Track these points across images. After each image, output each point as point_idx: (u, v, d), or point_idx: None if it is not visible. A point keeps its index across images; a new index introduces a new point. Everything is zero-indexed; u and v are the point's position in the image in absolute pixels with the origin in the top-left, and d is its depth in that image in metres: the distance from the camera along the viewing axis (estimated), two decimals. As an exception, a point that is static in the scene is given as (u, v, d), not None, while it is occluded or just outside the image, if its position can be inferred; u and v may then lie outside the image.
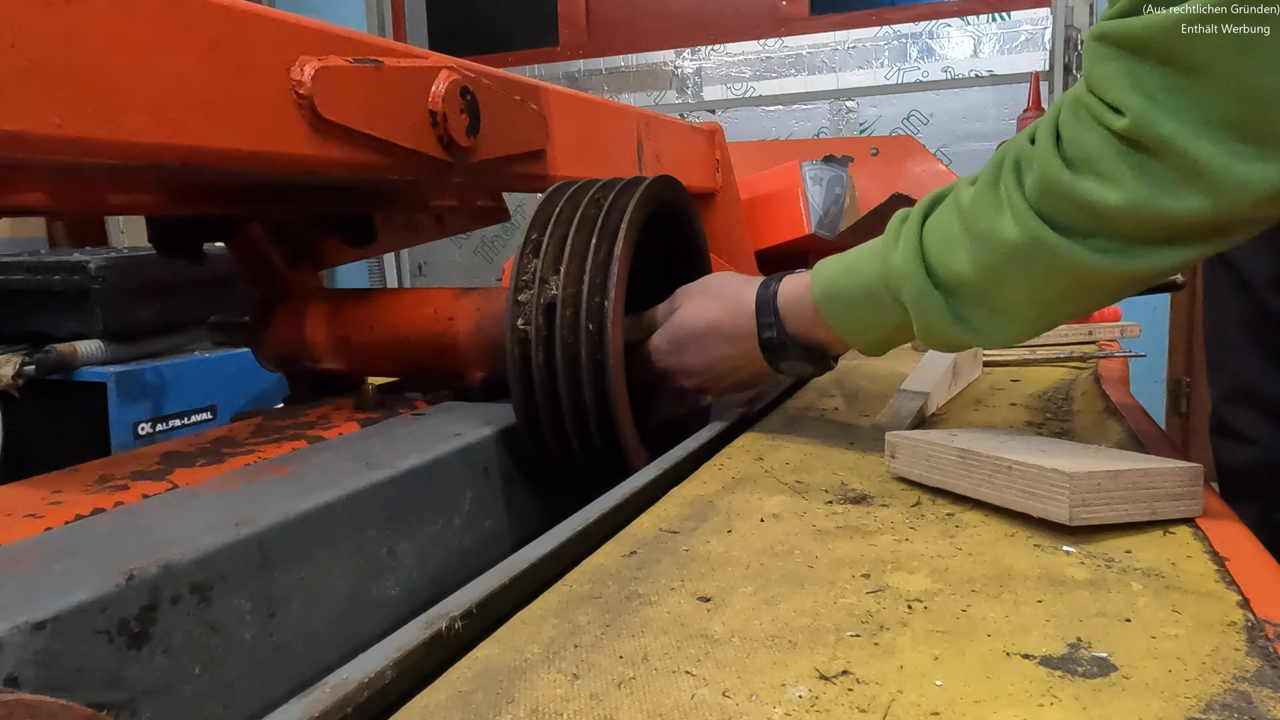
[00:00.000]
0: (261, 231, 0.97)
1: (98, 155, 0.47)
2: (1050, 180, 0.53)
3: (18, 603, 0.37)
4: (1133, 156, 0.50)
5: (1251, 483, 1.06)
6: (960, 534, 0.51)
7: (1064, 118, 0.53)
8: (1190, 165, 0.48)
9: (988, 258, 0.56)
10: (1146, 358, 1.35)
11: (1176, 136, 0.47)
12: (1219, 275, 1.08)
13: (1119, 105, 0.49)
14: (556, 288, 0.68)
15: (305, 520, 0.51)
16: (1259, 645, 0.37)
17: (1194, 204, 0.49)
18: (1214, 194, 0.48)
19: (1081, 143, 0.51)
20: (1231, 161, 0.47)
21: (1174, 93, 0.47)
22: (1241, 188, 0.47)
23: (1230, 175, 0.47)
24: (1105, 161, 0.50)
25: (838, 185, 1.50)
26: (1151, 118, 0.48)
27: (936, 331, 0.61)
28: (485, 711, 0.34)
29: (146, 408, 1.46)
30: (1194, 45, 0.46)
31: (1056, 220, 0.53)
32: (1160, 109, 0.48)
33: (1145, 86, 0.48)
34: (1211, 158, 0.47)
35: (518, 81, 0.81)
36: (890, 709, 0.33)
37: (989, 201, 0.56)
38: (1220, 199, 0.48)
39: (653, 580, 0.46)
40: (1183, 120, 0.47)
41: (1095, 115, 0.51)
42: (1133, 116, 0.48)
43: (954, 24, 2.55)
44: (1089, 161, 0.51)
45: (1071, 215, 0.53)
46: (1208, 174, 0.48)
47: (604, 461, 0.70)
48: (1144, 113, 0.48)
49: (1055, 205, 0.53)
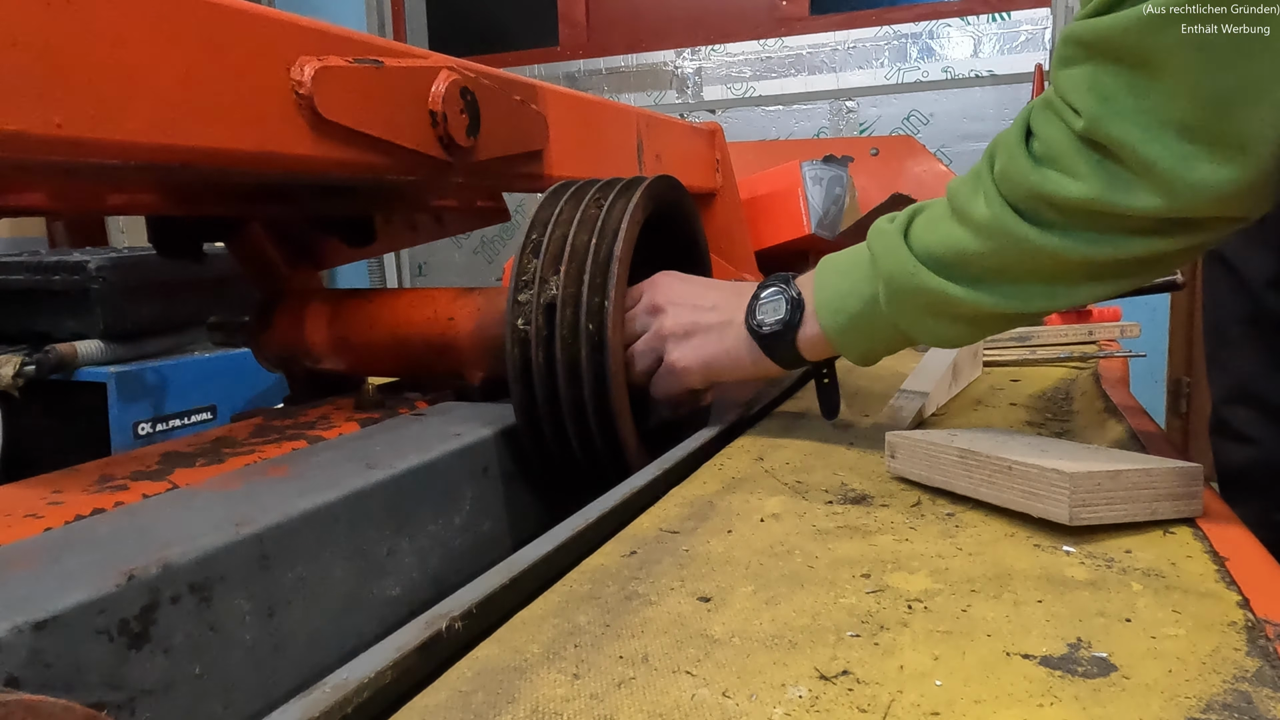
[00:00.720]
0: (261, 231, 0.97)
1: (98, 155, 0.47)
2: (1011, 168, 0.55)
3: (18, 603, 0.37)
4: (1091, 154, 0.52)
5: (1251, 483, 1.06)
6: (960, 534, 0.51)
7: (1035, 115, 0.55)
8: (1142, 166, 0.49)
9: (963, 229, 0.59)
10: (1146, 358, 1.35)
11: (1127, 138, 0.49)
12: (1218, 275, 1.08)
13: (1076, 106, 0.51)
14: (556, 288, 0.68)
15: (305, 520, 0.51)
16: (1259, 645, 0.37)
17: (1149, 202, 0.50)
18: (1167, 194, 0.49)
19: (1046, 138, 0.54)
20: (1182, 164, 0.48)
21: (1131, 93, 0.49)
22: (1193, 189, 0.48)
23: (1181, 177, 0.48)
24: (1066, 157, 0.52)
25: (838, 185, 1.50)
26: (1105, 121, 0.50)
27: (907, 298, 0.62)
28: (485, 711, 0.34)
29: (146, 408, 1.46)
30: (1153, 44, 0.47)
31: (1020, 207, 0.55)
32: (1114, 111, 0.49)
33: (1103, 88, 0.50)
34: (1161, 159, 0.48)
35: (518, 81, 0.81)
36: (890, 709, 0.33)
37: (969, 184, 0.59)
38: (1174, 199, 0.49)
39: (653, 580, 0.46)
40: (1135, 122, 0.49)
41: (1058, 113, 0.53)
42: (1087, 119, 0.50)
43: (954, 24, 2.55)
44: (1052, 156, 0.53)
45: (1034, 204, 0.55)
46: (1160, 175, 0.49)
47: (604, 461, 0.70)
48: (1098, 115, 0.50)
49: (1016, 193, 0.55)
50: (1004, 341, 1.12)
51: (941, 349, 0.94)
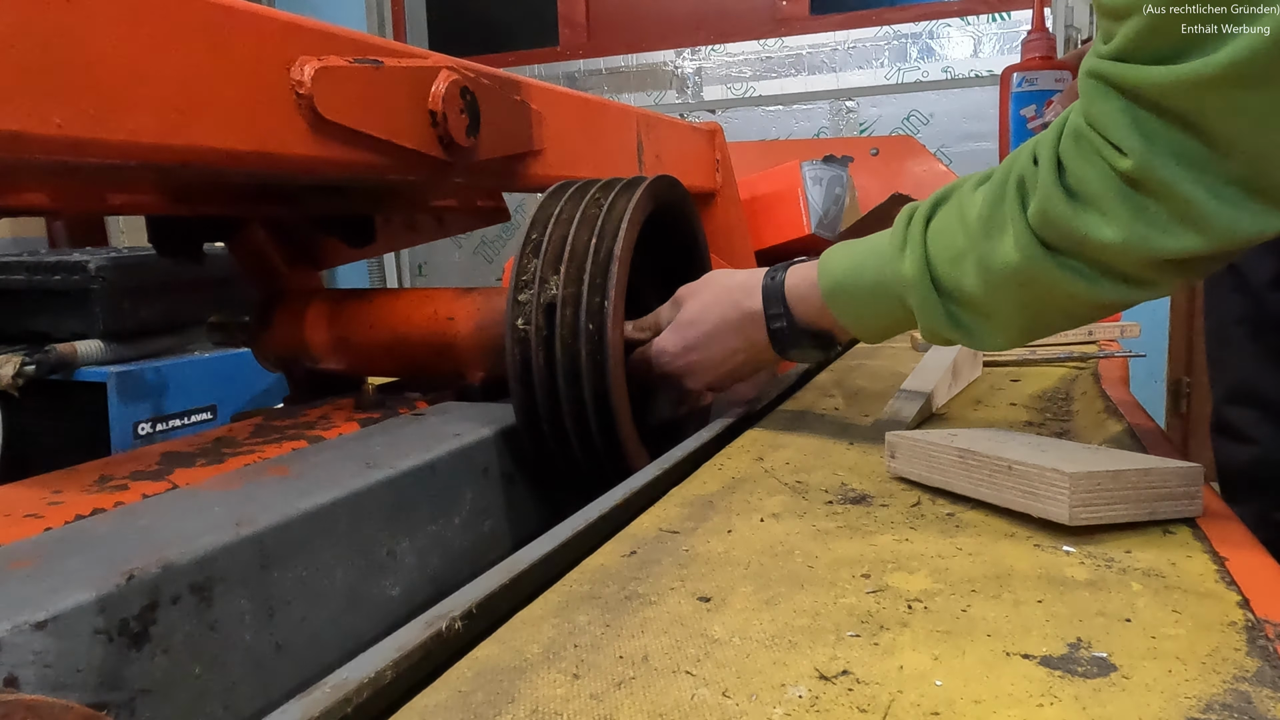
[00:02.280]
0: (261, 231, 0.97)
1: (98, 155, 0.47)
2: (1052, 212, 0.53)
3: (18, 603, 0.37)
4: (1133, 197, 0.50)
5: (1251, 482, 1.06)
6: (960, 534, 0.51)
7: (1065, 147, 0.53)
8: (1187, 208, 0.48)
9: (990, 276, 0.58)
10: (1146, 358, 1.35)
11: (1178, 182, 0.48)
12: (1220, 275, 1.08)
13: (1120, 145, 0.49)
14: (556, 288, 0.68)
15: (305, 520, 0.51)
16: (1259, 645, 0.37)
17: (1188, 243, 0.49)
18: (1208, 235, 0.49)
19: (1083, 176, 0.52)
20: (1228, 209, 0.48)
21: (1175, 139, 0.48)
22: (1233, 231, 0.48)
23: (1225, 220, 0.48)
24: (1106, 198, 0.51)
25: (838, 185, 1.50)
26: (1154, 161, 0.48)
27: (935, 329, 0.64)
28: (485, 711, 0.34)
29: (146, 408, 1.45)
30: (1194, 108, 0.46)
31: (1056, 246, 0.55)
32: (1161, 153, 0.48)
33: (1146, 128, 0.48)
34: (1208, 203, 0.48)
35: (517, 81, 0.81)
36: (890, 709, 0.33)
37: (993, 220, 0.58)
38: (1213, 239, 0.49)
39: (653, 580, 0.46)
40: (1183, 164, 0.48)
41: (1097, 150, 0.51)
42: (1135, 158, 0.49)
43: (954, 24, 2.55)
44: (1090, 196, 0.52)
45: (1070, 245, 0.54)
46: (1204, 218, 0.48)
47: (604, 461, 0.70)
48: (1146, 154, 0.48)
49: (1055, 235, 0.54)
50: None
51: (941, 348, 0.94)
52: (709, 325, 0.73)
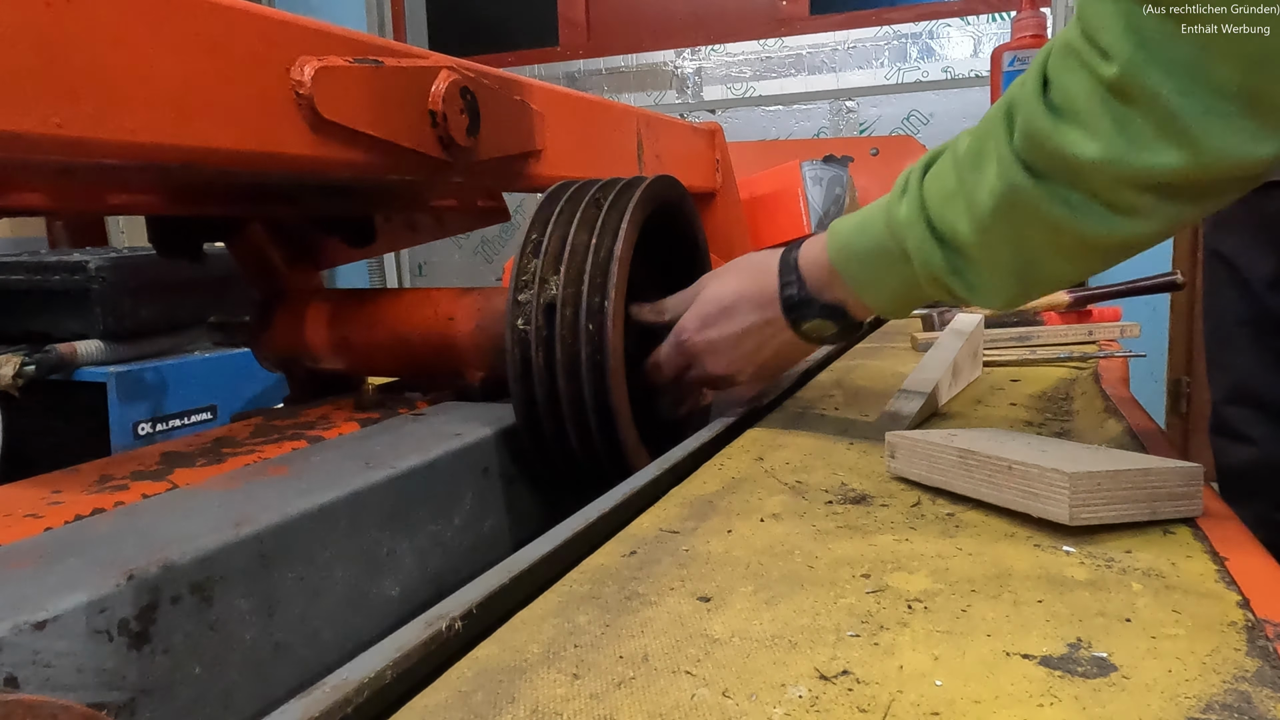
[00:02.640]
0: (261, 231, 0.97)
1: (98, 155, 0.47)
2: (1032, 129, 0.52)
3: (18, 603, 0.37)
4: (1116, 108, 0.48)
5: (1251, 482, 1.06)
6: (960, 534, 0.51)
7: (1052, 62, 0.51)
8: (1172, 121, 0.46)
9: (976, 210, 0.57)
10: (1146, 358, 1.35)
11: (1164, 92, 0.46)
12: (1219, 275, 1.09)
13: (1109, 50, 0.47)
14: (556, 288, 0.68)
15: (305, 520, 0.51)
16: (1259, 645, 0.37)
17: (1170, 159, 0.47)
18: (1192, 152, 0.46)
19: (1066, 88, 0.50)
20: (1216, 124, 0.45)
21: (1170, 40, 0.45)
22: (1221, 151, 0.46)
23: (1212, 138, 0.46)
24: (1088, 112, 0.49)
25: (838, 185, 1.50)
26: (1141, 67, 0.46)
27: (936, 276, 0.62)
28: (485, 711, 0.34)
29: (146, 408, 1.46)
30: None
31: (1038, 169, 0.53)
32: (1151, 57, 0.46)
33: (1140, 29, 0.46)
34: (1194, 117, 0.45)
35: (517, 81, 0.81)
36: (890, 709, 0.33)
37: (981, 152, 0.57)
38: (1198, 157, 0.46)
39: (653, 580, 0.46)
40: (1172, 73, 0.45)
41: (1084, 60, 0.49)
42: (1121, 64, 0.46)
43: (954, 24, 2.55)
44: (1071, 110, 0.50)
45: (1051, 166, 0.52)
46: (1188, 133, 0.46)
47: (604, 461, 0.70)
48: (1133, 59, 0.46)
49: (1037, 155, 0.52)
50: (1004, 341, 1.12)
51: (939, 348, 0.94)
52: (729, 298, 0.73)
